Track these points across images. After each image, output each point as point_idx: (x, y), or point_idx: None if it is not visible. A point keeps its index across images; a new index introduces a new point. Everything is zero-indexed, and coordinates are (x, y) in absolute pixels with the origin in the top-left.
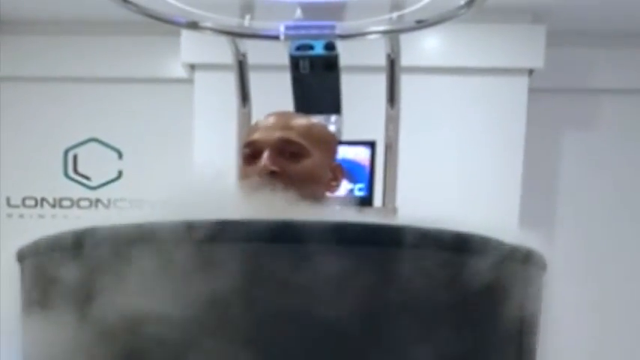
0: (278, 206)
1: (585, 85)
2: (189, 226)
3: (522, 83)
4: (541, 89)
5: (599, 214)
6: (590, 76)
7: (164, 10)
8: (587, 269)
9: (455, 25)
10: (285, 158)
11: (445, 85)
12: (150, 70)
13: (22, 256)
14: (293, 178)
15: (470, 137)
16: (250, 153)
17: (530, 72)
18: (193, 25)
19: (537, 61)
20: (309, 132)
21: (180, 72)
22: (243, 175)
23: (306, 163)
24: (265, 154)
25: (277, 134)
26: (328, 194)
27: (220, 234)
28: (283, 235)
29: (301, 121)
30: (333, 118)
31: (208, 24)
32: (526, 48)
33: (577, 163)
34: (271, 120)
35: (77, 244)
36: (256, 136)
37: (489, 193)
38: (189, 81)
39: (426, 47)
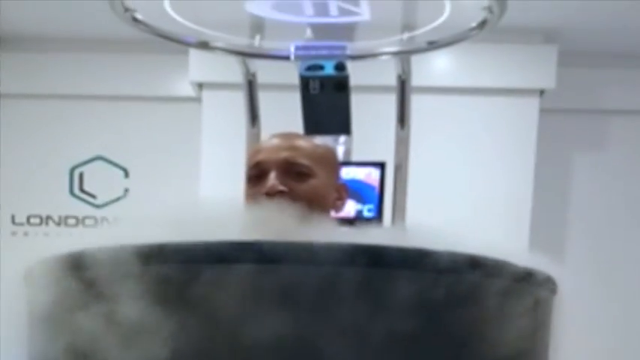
0: (289, 226)
1: (597, 106)
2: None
3: (533, 104)
4: (552, 110)
5: (610, 235)
6: (602, 96)
7: (174, 30)
8: (599, 290)
9: (466, 45)
10: (291, 178)
11: (455, 105)
12: (157, 89)
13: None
14: (300, 198)
15: (480, 158)
16: (255, 174)
17: (542, 92)
18: (204, 45)
19: (549, 82)
20: (313, 152)
21: (188, 91)
22: (249, 196)
23: (313, 183)
24: (272, 174)
25: (283, 155)
26: (333, 214)
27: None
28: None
29: (305, 141)
30: (343, 138)
31: (219, 44)
32: (537, 68)
33: (588, 184)
34: (275, 141)
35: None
36: (262, 156)
37: (500, 214)
38: (197, 100)
39: (437, 67)
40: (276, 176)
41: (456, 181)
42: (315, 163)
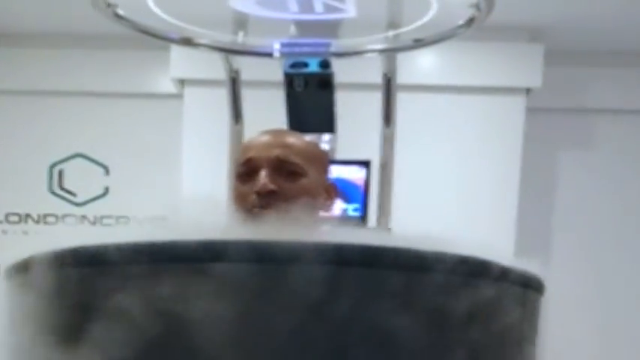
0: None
1: (583, 105)
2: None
3: (520, 102)
4: (538, 108)
5: (596, 234)
6: (588, 95)
7: (157, 26)
8: (585, 290)
9: (451, 43)
10: (282, 177)
11: (441, 103)
12: (138, 85)
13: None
14: (290, 197)
15: (466, 157)
16: (246, 171)
17: (528, 91)
18: (187, 42)
19: (535, 81)
20: (305, 151)
21: (170, 87)
22: (237, 194)
23: (303, 182)
24: (263, 173)
25: (274, 152)
26: (322, 213)
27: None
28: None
29: (297, 139)
30: (327, 136)
31: (202, 40)
32: (523, 67)
33: (574, 182)
34: (266, 138)
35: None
36: (252, 154)
37: (485, 212)
38: (179, 96)
39: (422, 65)
40: (267, 174)
41: (441, 180)
42: (307, 161)
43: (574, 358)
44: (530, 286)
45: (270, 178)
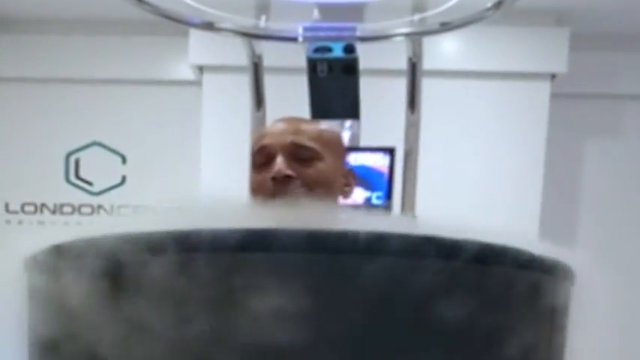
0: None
1: (610, 91)
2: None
3: (544, 88)
4: (564, 94)
5: (622, 222)
6: (615, 81)
7: (178, 10)
8: (610, 278)
9: (476, 27)
10: (298, 163)
11: (464, 89)
12: (156, 72)
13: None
14: (307, 183)
15: (490, 143)
16: (261, 159)
17: (553, 77)
18: (209, 26)
19: (560, 66)
20: (320, 136)
21: (188, 74)
22: (255, 182)
23: (320, 167)
24: (279, 159)
25: (289, 139)
26: (341, 200)
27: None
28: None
29: (311, 125)
30: (349, 123)
31: (224, 25)
32: (549, 52)
33: (600, 170)
34: (280, 125)
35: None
36: (267, 141)
37: (510, 200)
38: (198, 83)
39: (445, 50)
40: (283, 161)
41: (465, 167)
42: (322, 146)
43: (599, 348)
44: (561, 275)
45: (286, 164)
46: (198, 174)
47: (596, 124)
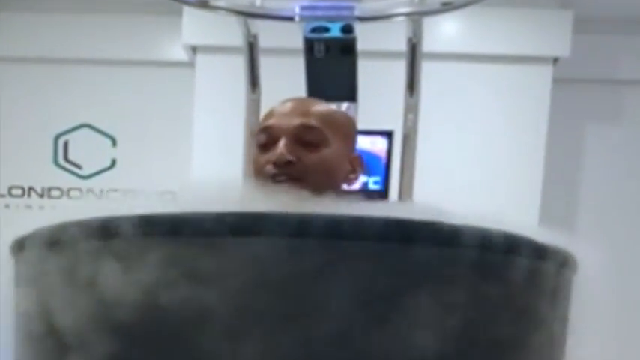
0: (289, 201)
1: (612, 76)
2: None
3: (546, 72)
4: (566, 79)
5: (623, 208)
6: (618, 66)
7: None
8: (610, 266)
9: (476, 9)
10: (302, 147)
11: (465, 72)
12: (148, 52)
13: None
14: (309, 169)
15: (490, 128)
16: (265, 140)
17: (555, 61)
18: (203, 4)
19: (563, 49)
20: (330, 119)
21: (181, 54)
22: (256, 164)
23: (325, 153)
24: (282, 142)
25: (296, 121)
26: (345, 187)
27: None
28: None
29: (322, 107)
30: (346, 105)
31: (220, 3)
32: (551, 35)
33: (601, 156)
34: (289, 105)
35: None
36: (272, 121)
37: (510, 185)
38: (190, 64)
39: (446, 32)
40: (286, 144)
41: (464, 151)
42: (331, 130)
43: (598, 336)
44: (564, 264)
45: (289, 148)
46: (189, 157)
47: (599, 109)
